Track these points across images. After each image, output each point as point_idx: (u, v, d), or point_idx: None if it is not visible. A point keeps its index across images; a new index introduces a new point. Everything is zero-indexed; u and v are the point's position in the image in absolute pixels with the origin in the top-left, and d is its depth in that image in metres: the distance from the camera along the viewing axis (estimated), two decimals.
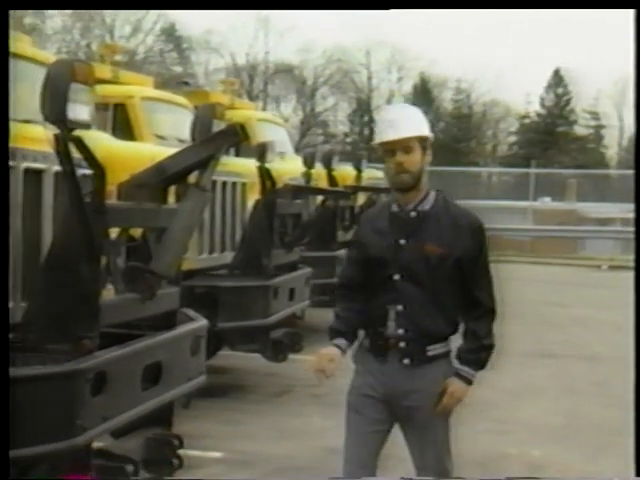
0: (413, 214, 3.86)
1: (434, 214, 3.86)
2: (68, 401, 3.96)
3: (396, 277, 3.82)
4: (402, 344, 3.82)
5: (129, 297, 4.61)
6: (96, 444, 4.29)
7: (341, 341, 3.94)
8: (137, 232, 5.00)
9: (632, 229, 24.65)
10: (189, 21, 52.67)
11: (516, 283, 18.51)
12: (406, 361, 3.82)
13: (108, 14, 48.99)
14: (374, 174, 13.61)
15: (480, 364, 3.91)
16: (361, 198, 12.47)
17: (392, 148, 3.81)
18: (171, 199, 5.02)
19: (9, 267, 3.19)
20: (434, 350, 3.84)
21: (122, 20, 50.08)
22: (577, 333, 12.70)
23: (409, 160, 3.80)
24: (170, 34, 52.55)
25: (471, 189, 28.70)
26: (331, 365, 3.83)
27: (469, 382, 3.86)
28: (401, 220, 3.88)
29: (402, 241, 3.83)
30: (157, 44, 52.25)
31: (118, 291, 4.62)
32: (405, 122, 3.85)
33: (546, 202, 28.92)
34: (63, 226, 4.33)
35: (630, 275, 20.02)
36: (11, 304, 4.38)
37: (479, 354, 3.91)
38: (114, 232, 4.69)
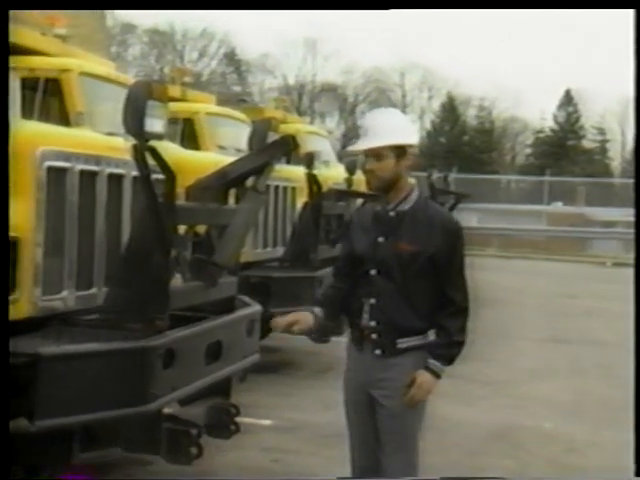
0: (392, 214, 3.62)
1: (412, 214, 3.61)
2: (143, 373, 4.00)
3: (372, 272, 3.61)
4: (374, 335, 3.61)
5: (194, 285, 4.64)
6: (166, 410, 4.32)
7: (317, 309, 3.75)
8: (202, 229, 5.03)
9: (633, 230, 24.54)
10: (247, 46, 52.90)
11: (532, 277, 18.43)
12: (378, 352, 3.61)
13: (178, 41, 49.37)
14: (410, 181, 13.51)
15: (449, 359, 3.61)
16: None
17: (365, 154, 3.60)
18: (231, 200, 5.05)
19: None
20: (404, 343, 3.58)
21: (190, 47, 50.48)
22: (585, 321, 12.60)
23: (379, 167, 3.55)
24: (231, 58, 52.71)
25: (493, 194, 28.50)
26: (299, 326, 3.69)
27: (437, 376, 3.58)
28: (381, 219, 3.65)
29: (380, 239, 3.61)
30: (219, 67, 52.44)
31: (185, 279, 4.64)
32: (376, 131, 3.57)
33: (558, 206, 28.69)
34: (139, 223, 4.37)
35: (632, 271, 19.92)
36: (94, 289, 4.45)
37: (449, 350, 3.60)
38: (182, 229, 4.72)
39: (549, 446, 6.23)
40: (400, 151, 3.56)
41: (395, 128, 3.58)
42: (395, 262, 3.55)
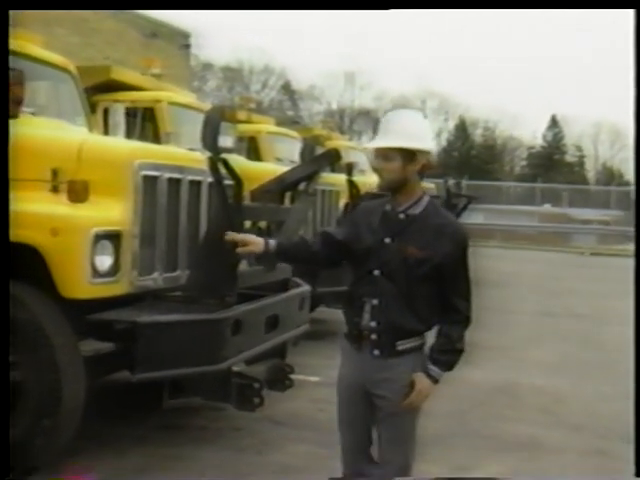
0: (402, 216, 2.93)
1: (422, 219, 2.92)
2: (216, 339, 4.02)
3: (376, 272, 2.90)
4: (374, 336, 2.92)
5: (257, 269, 4.64)
6: (234, 368, 4.33)
7: (272, 242, 3.10)
8: (263, 224, 5.04)
9: (605, 227, 24.53)
10: (299, 79, 52.79)
11: (526, 264, 18.22)
12: (376, 352, 2.92)
13: (245, 76, 49.58)
14: (428, 185, 13.45)
15: (449, 366, 2.96)
16: None
17: (375, 154, 2.94)
18: (287, 201, 5.04)
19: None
20: (403, 345, 2.91)
21: (255, 80, 50.77)
22: (568, 298, 12.46)
23: (387, 167, 2.88)
24: (286, 89, 52.75)
25: (495, 197, 28.20)
26: (248, 247, 3.10)
27: (436, 381, 2.93)
28: (390, 220, 2.94)
29: (387, 240, 2.91)
30: (277, 96, 52.50)
31: (250, 265, 4.64)
32: (388, 132, 2.91)
33: (547, 207, 28.40)
34: (213, 219, 4.38)
35: (605, 260, 19.69)
36: (178, 272, 4.47)
37: (450, 356, 2.94)
38: (248, 224, 4.72)
39: (540, 398, 6.16)
40: (408, 155, 2.87)
41: (408, 132, 2.88)
42: (401, 265, 2.88)
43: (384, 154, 2.89)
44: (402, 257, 2.87)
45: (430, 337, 2.98)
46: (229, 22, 65.79)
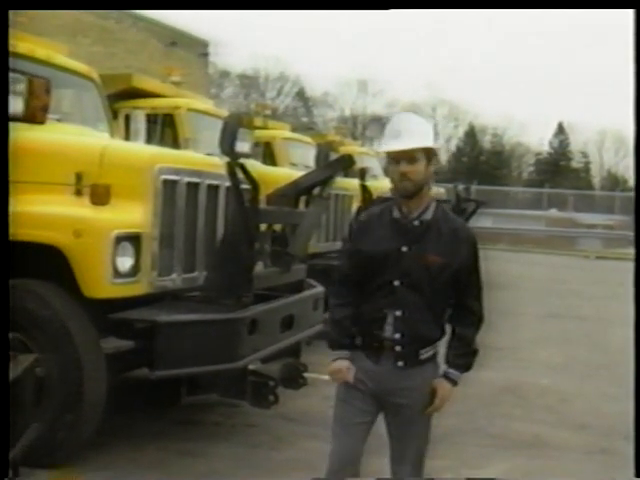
0: (416, 222, 2.76)
1: (435, 224, 2.77)
2: (232, 337, 4.02)
3: (396, 283, 2.73)
4: (398, 348, 2.76)
5: (273, 270, 4.63)
6: (250, 366, 4.32)
7: (344, 353, 2.88)
8: (279, 227, 5.03)
9: (610, 231, 24.40)
10: (313, 87, 52.79)
11: (533, 266, 18.11)
12: (400, 364, 2.77)
13: (261, 83, 49.70)
14: (438, 190, 13.42)
15: (467, 367, 2.88)
16: None
17: (397, 157, 2.72)
18: (301, 205, 5.03)
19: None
20: (426, 353, 2.80)
21: (270, 87, 50.86)
22: (573, 300, 12.36)
23: (413, 170, 2.70)
24: (301, 96, 52.78)
25: (503, 202, 28.08)
26: (349, 373, 2.84)
27: (455, 384, 2.86)
28: (404, 227, 2.77)
29: (404, 248, 2.74)
30: (292, 103, 52.55)
31: (266, 266, 4.65)
32: (410, 133, 2.73)
33: (554, 212, 28.25)
34: (230, 222, 4.38)
35: (610, 263, 19.54)
36: (196, 273, 4.46)
37: (468, 358, 2.87)
38: (264, 227, 4.72)
39: (546, 397, 6.12)
40: (430, 155, 2.76)
41: (427, 131, 2.79)
42: (422, 273, 2.73)
43: (410, 156, 2.71)
44: (423, 265, 2.73)
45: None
46: (246, 31, 65.99)
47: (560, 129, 55.67)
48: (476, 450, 4.71)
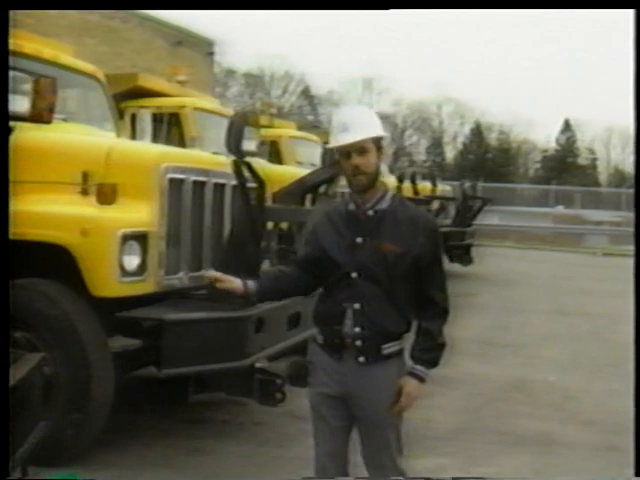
0: (370, 212, 2.66)
1: (391, 213, 2.66)
2: (239, 335, 4.03)
3: (353, 275, 2.62)
4: (358, 342, 2.62)
5: (280, 268, 4.62)
6: (257, 364, 4.32)
7: (251, 283, 2.83)
8: (285, 225, 5.03)
9: (617, 228, 24.32)
10: (318, 85, 52.71)
11: (540, 264, 18.06)
12: (361, 359, 2.63)
13: (266, 82, 49.72)
14: (445, 188, 13.41)
15: (434, 362, 2.70)
16: (435, 204, 12.33)
17: (348, 151, 2.61)
18: (308, 203, 5.03)
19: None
20: (389, 349, 2.64)
21: (275, 86, 50.89)
22: (581, 297, 12.31)
23: (365, 162, 2.61)
24: (306, 94, 52.74)
25: (510, 199, 28.01)
26: (225, 285, 2.84)
27: (423, 380, 2.67)
28: (358, 219, 2.67)
29: (359, 239, 2.63)
30: (297, 101, 52.55)
31: (272, 264, 4.64)
32: (358, 125, 2.63)
33: (560, 209, 28.15)
34: (237, 220, 4.38)
35: (617, 260, 19.46)
36: (203, 271, 4.43)
37: (433, 353, 2.69)
38: (270, 225, 4.72)
39: (553, 394, 6.10)
40: (380, 144, 2.67)
41: (374, 121, 2.69)
42: (379, 263, 2.61)
43: (361, 148, 2.61)
44: (379, 256, 2.61)
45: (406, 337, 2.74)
46: (251, 30, 65.95)
47: (567, 126, 55.46)
48: (483, 447, 4.69)
